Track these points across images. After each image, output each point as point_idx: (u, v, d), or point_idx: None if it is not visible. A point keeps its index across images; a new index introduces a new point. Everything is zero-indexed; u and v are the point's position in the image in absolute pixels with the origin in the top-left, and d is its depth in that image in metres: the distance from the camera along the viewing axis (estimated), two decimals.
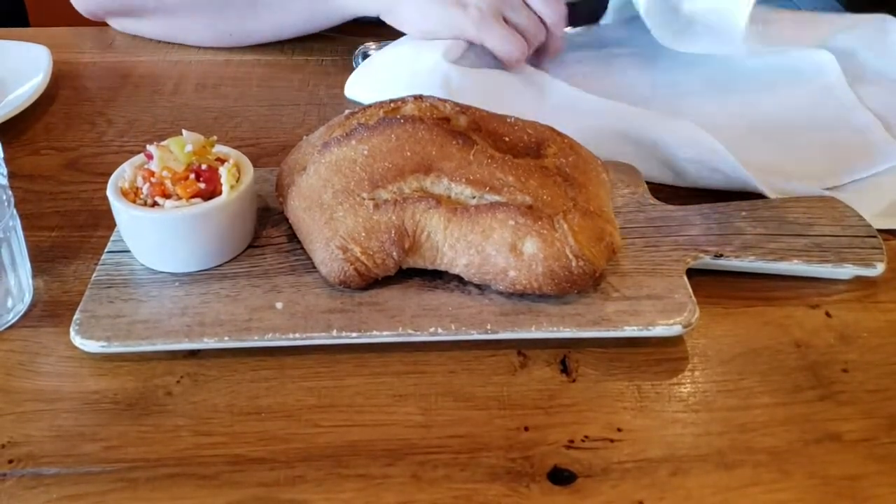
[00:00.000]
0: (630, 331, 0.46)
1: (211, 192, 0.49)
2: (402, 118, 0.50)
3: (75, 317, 0.47)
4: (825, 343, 0.48)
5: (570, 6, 0.73)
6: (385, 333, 0.46)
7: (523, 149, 0.51)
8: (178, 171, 0.49)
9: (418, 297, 0.48)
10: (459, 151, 0.48)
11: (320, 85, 0.76)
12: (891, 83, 0.75)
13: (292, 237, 0.53)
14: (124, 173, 0.51)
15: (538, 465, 0.41)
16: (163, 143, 0.51)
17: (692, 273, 0.51)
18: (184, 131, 0.51)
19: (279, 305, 0.48)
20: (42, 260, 0.54)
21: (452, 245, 0.48)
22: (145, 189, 0.49)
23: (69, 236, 0.57)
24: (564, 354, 0.47)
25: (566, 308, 0.47)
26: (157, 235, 0.49)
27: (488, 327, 0.46)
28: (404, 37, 0.74)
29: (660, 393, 0.45)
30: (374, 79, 0.71)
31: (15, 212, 0.49)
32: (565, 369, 0.47)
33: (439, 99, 0.53)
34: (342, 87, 0.74)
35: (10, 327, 0.49)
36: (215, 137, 0.52)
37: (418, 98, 0.53)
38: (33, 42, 0.78)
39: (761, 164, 0.60)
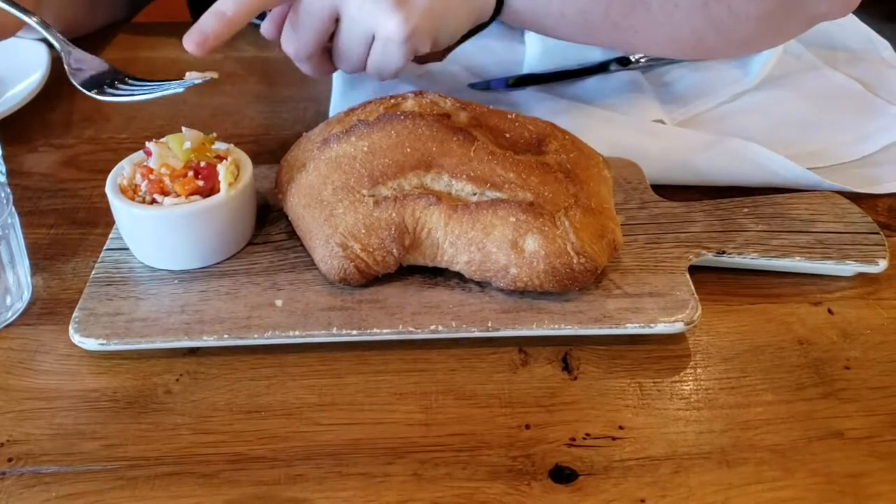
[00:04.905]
0: (632, 328, 0.46)
1: (210, 190, 0.49)
2: (402, 114, 0.49)
3: (74, 315, 0.47)
4: (828, 340, 0.48)
5: None
6: (385, 331, 0.46)
7: (524, 145, 0.51)
8: (176, 169, 0.49)
9: (419, 294, 0.48)
10: (460, 148, 0.48)
11: (320, 81, 0.76)
12: (855, 56, 0.76)
13: (292, 234, 0.52)
14: (123, 170, 0.51)
15: (539, 463, 0.41)
16: (162, 140, 0.51)
17: (694, 270, 0.50)
18: (183, 128, 0.51)
19: (279, 303, 0.48)
20: (41, 257, 0.54)
21: (453, 242, 0.47)
22: (144, 186, 0.49)
23: (68, 234, 0.56)
24: (566, 352, 0.47)
25: (567, 305, 0.47)
26: (156, 233, 0.49)
27: (489, 325, 0.46)
28: None
29: (662, 390, 0.45)
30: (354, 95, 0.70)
31: (13, 209, 0.49)
32: (567, 367, 0.46)
33: (440, 95, 0.52)
34: None
35: (9, 325, 0.49)
36: (214, 134, 0.52)
37: (419, 94, 0.52)
38: (32, 39, 0.78)
39: (792, 154, 0.60)
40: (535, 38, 0.78)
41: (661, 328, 0.46)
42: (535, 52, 0.77)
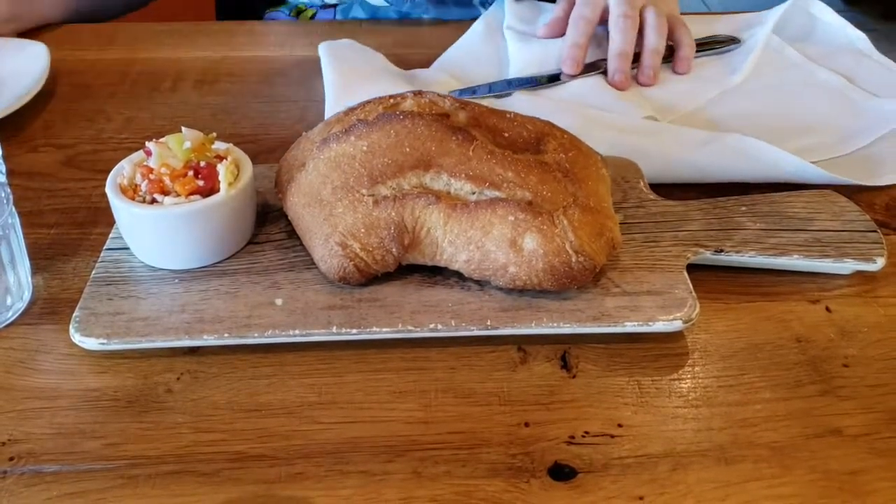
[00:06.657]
0: (630, 326, 0.46)
1: (209, 189, 0.49)
2: (401, 114, 0.49)
3: (75, 314, 0.47)
4: (826, 338, 0.48)
5: None
6: (385, 330, 0.46)
7: (523, 144, 0.51)
8: (176, 168, 0.49)
9: (418, 293, 0.48)
10: (459, 147, 0.48)
11: (319, 80, 0.76)
12: (837, 52, 0.77)
13: (291, 234, 0.53)
14: (123, 170, 0.51)
15: (539, 460, 0.41)
16: (161, 139, 0.51)
17: (692, 268, 0.50)
18: (182, 128, 0.51)
19: (279, 302, 0.48)
20: (41, 257, 0.54)
21: (452, 241, 0.47)
22: (144, 186, 0.49)
23: (68, 233, 0.56)
24: (565, 350, 0.47)
25: (566, 304, 0.47)
26: (156, 232, 0.49)
27: (488, 323, 0.46)
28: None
29: (660, 388, 0.45)
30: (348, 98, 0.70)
31: (14, 209, 0.49)
32: (565, 365, 0.47)
33: (438, 94, 0.52)
34: None
35: (10, 325, 0.49)
36: (214, 134, 0.52)
37: (417, 94, 0.52)
38: (31, 39, 0.78)
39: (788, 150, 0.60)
40: (519, 44, 0.78)
41: (659, 326, 0.46)
42: (519, 58, 0.76)
